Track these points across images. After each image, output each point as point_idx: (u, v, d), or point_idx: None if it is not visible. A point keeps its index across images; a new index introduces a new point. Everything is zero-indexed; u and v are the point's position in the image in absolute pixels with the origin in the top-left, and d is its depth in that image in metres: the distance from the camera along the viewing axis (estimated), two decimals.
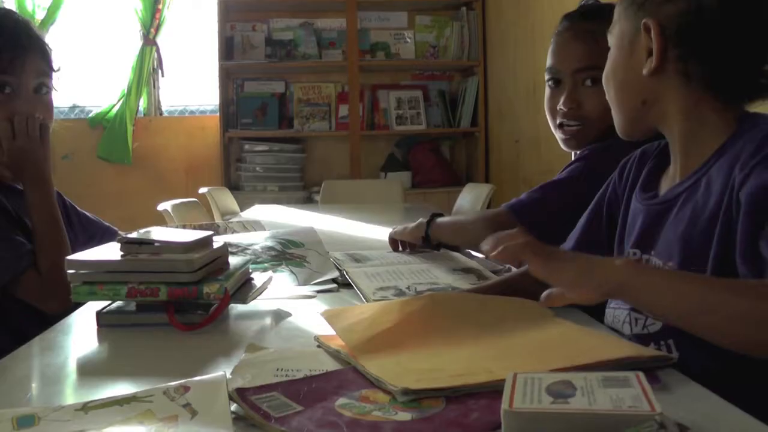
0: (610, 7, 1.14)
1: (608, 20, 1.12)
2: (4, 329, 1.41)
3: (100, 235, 1.67)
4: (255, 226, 2.00)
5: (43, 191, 1.48)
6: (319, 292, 1.37)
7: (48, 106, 1.54)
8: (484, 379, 0.80)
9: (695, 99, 1.01)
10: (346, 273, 1.44)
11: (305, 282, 1.42)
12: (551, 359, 0.84)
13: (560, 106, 1.56)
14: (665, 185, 1.09)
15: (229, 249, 1.32)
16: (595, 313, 1.13)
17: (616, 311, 1.09)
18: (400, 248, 1.75)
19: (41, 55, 1.51)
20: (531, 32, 3.78)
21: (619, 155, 1.24)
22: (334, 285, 1.41)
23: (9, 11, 1.55)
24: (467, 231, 1.61)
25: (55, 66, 1.55)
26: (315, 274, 1.46)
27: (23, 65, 1.47)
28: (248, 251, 1.55)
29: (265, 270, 1.43)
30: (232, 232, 1.85)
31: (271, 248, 1.58)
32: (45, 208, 1.47)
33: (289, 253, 1.56)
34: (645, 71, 1.02)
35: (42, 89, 1.52)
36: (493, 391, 0.75)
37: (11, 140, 1.46)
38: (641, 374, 0.69)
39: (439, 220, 1.66)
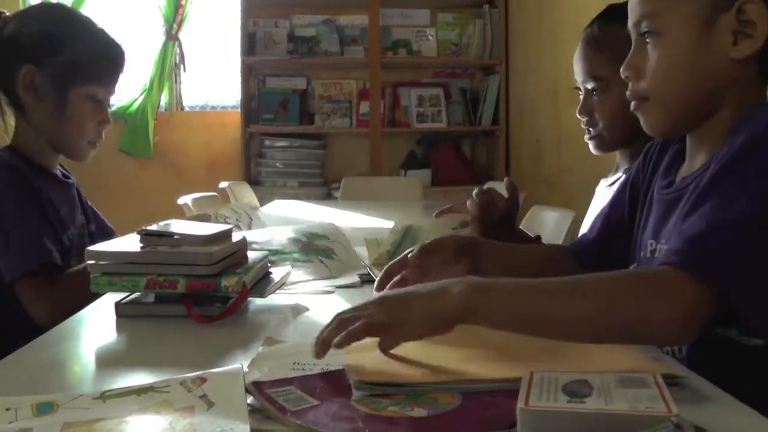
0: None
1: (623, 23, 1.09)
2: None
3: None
4: (248, 212, 1.91)
5: None
6: (338, 287, 1.37)
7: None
8: (461, 377, 0.80)
9: (753, 86, 0.98)
10: (371, 270, 1.44)
11: (338, 273, 1.43)
12: (556, 367, 0.83)
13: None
14: (683, 173, 1.06)
15: (252, 246, 1.32)
16: None
17: None
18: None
19: (121, 74, 1.68)
20: (554, 31, 3.76)
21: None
22: (357, 280, 1.42)
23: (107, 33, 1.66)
24: None
25: None
26: (344, 267, 1.47)
27: (113, 84, 1.66)
28: (273, 243, 1.54)
29: (295, 261, 1.43)
30: (224, 220, 1.79)
31: (297, 240, 1.57)
32: None
33: (315, 244, 1.56)
34: (737, 54, 0.94)
35: (110, 103, 1.69)
36: (509, 389, 0.75)
37: None
38: (659, 375, 0.68)
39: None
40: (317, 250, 1.53)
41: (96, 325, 1.16)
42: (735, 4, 0.93)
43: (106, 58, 1.62)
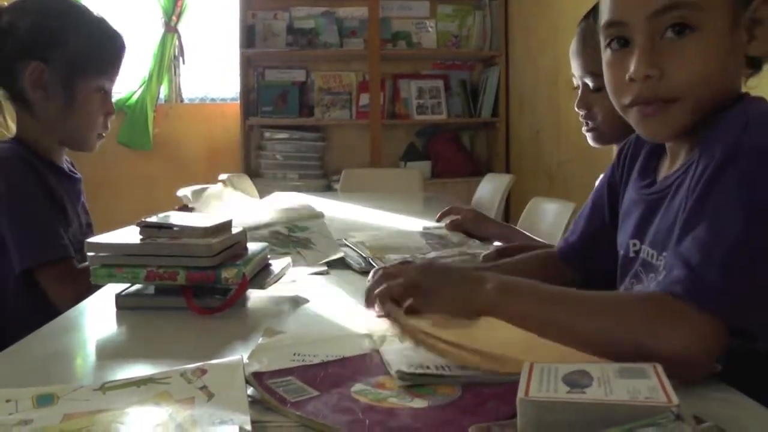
0: None
1: None
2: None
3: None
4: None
5: None
6: (310, 274, 1.42)
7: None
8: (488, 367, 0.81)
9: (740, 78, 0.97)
10: (372, 261, 1.47)
11: (314, 262, 1.47)
12: (575, 357, 0.83)
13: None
14: (663, 172, 1.04)
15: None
16: None
17: None
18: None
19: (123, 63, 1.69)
20: (554, 22, 3.75)
21: None
22: (325, 269, 1.46)
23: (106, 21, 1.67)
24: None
25: None
26: (322, 255, 1.52)
27: (116, 74, 1.66)
28: (257, 232, 1.57)
29: (273, 252, 1.46)
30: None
31: (278, 233, 1.61)
32: None
33: (294, 236, 1.60)
34: (756, 52, 0.92)
35: (113, 93, 1.70)
36: (510, 380, 0.75)
37: None
38: (659, 366, 0.68)
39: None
40: (296, 242, 1.57)
41: (96, 316, 1.16)
42: (752, 2, 0.91)
43: (109, 49, 1.62)
